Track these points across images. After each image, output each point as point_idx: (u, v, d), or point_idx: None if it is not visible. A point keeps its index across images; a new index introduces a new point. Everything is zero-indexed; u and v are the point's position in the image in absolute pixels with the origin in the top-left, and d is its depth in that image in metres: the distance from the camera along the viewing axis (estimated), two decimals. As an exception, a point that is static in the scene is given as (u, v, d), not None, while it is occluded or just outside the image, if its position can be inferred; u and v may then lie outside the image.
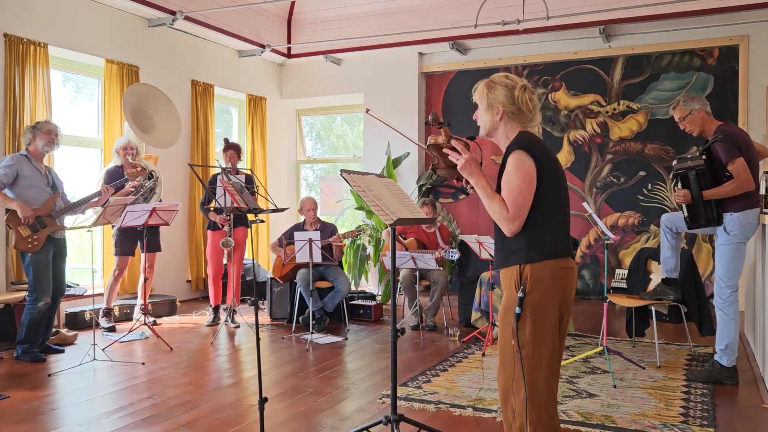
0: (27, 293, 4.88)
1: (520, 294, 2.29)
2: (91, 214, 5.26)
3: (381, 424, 3.00)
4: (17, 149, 5.67)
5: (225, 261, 6.43)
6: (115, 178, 5.77)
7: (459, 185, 2.60)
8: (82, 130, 6.86)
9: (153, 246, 6.02)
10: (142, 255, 6.06)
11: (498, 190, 2.36)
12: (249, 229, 6.56)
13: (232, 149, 6.16)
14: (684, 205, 4.19)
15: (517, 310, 2.29)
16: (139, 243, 6.00)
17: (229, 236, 5.99)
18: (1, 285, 5.67)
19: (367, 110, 3.39)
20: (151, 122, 6.64)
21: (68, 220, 5.14)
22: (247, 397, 3.97)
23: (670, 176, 4.32)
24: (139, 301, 6.17)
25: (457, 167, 2.41)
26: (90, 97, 7.09)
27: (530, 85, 2.43)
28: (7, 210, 4.78)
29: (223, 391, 4.13)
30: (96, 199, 5.11)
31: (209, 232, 6.29)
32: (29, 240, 4.71)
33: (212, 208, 6.19)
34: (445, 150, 2.46)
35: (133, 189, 5.39)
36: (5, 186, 4.74)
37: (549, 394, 2.32)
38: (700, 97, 4.38)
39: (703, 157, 4.08)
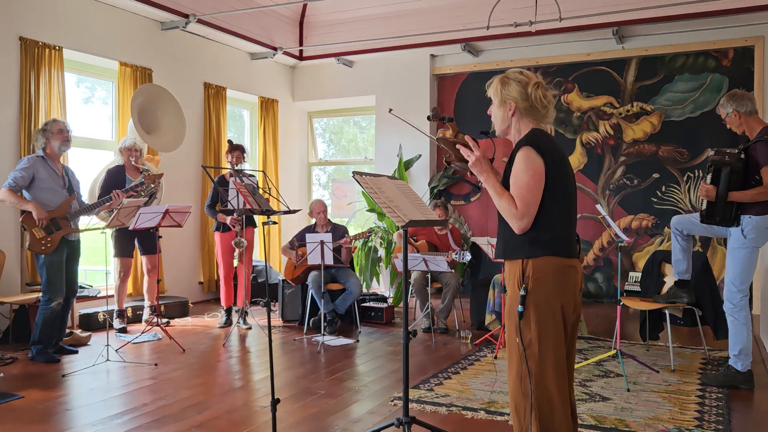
0: (41, 294, 4.92)
1: (521, 292, 2.29)
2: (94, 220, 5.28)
3: (393, 427, 2.99)
4: (32, 151, 5.71)
5: (236, 263, 6.44)
6: (115, 177, 5.79)
7: (474, 180, 2.60)
8: (95, 132, 6.92)
9: (149, 248, 5.98)
10: (143, 258, 6.08)
11: (506, 185, 2.36)
12: (256, 230, 6.57)
13: (239, 150, 6.17)
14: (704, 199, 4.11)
15: (520, 308, 2.29)
16: (137, 244, 6.00)
17: (239, 237, 6.00)
18: (17, 286, 5.72)
19: (390, 110, 3.41)
20: (157, 124, 6.65)
21: (83, 222, 5.18)
22: (259, 399, 3.98)
23: (707, 167, 4.17)
24: (147, 303, 6.19)
25: (468, 164, 2.42)
26: (104, 100, 7.15)
27: (544, 81, 2.43)
28: (23, 212, 4.82)
29: (236, 392, 4.14)
30: (108, 203, 5.11)
31: (218, 233, 6.29)
32: (43, 242, 4.75)
33: (219, 210, 6.19)
34: (457, 146, 2.47)
35: (135, 193, 5.34)
36: (21, 188, 4.78)
37: (560, 396, 2.30)
38: (743, 95, 4.12)
39: (742, 156, 3.97)
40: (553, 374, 2.29)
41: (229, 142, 6.24)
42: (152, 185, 5.42)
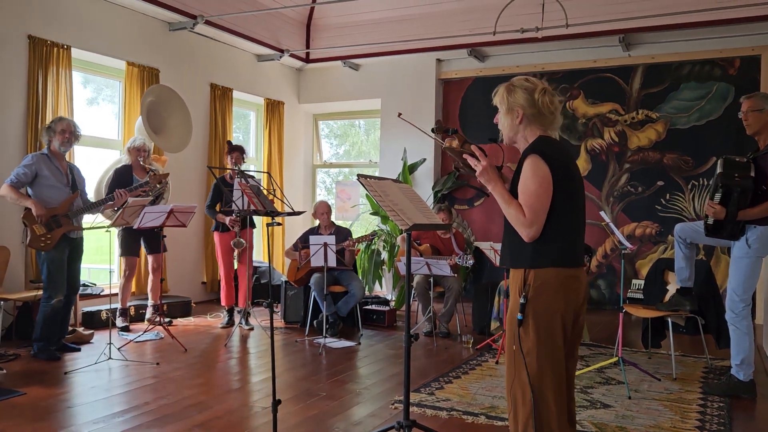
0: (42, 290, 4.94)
1: (521, 300, 2.29)
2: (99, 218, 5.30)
3: (393, 430, 2.99)
4: (40, 149, 5.74)
5: (236, 264, 6.45)
6: (123, 177, 5.81)
7: (482, 187, 2.61)
8: (102, 131, 6.95)
9: (155, 247, 5.98)
10: (149, 257, 6.10)
11: (514, 194, 2.36)
12: (255, 230, 6.59)
13: (238, 151, 6.20)
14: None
15: (519, 316, 2.29)
16: (143, 244, 6.02)
17: (239, 237, 6.02)
18: (21, 283, 5.74)
19: (399, 114, 3.43)
20: (164, 124, 6.68)
21: (87, 220, 5.19)
22: (260, 400, 3.99)
23: (711, 182, 4.14)
24: (150, 302, 6.20)
25: (476, 173, 2.41)
26: (111, 99, 7.18)
27: (550, 87, 2.42)
28: (26, 208, 4.84)
29: (237, 392, 4.15)
30: (112, 202, 5.12)
31: (217, 234, 6.31)
32: (43, 239, 4.76)
33: (219, 210, 6.21)
34: (464, 155, 2.48)
35: (143, 192, 5.35)
36: (23, 185, 4.81)
37: (557, 404, 2.29)
38: None
39: (752, 173, 3.93)
40: (551, 383, 2.28)
41: (228, 143, 6.31)
42: (158, 185, 5.43)
